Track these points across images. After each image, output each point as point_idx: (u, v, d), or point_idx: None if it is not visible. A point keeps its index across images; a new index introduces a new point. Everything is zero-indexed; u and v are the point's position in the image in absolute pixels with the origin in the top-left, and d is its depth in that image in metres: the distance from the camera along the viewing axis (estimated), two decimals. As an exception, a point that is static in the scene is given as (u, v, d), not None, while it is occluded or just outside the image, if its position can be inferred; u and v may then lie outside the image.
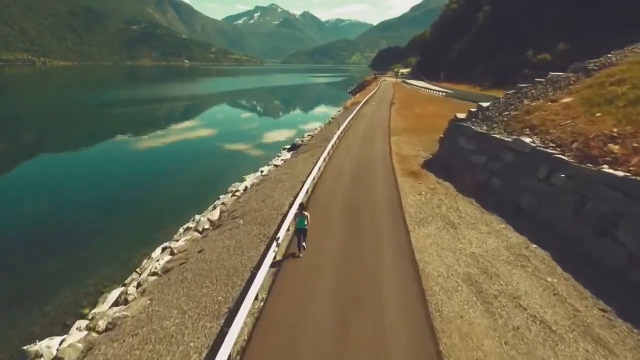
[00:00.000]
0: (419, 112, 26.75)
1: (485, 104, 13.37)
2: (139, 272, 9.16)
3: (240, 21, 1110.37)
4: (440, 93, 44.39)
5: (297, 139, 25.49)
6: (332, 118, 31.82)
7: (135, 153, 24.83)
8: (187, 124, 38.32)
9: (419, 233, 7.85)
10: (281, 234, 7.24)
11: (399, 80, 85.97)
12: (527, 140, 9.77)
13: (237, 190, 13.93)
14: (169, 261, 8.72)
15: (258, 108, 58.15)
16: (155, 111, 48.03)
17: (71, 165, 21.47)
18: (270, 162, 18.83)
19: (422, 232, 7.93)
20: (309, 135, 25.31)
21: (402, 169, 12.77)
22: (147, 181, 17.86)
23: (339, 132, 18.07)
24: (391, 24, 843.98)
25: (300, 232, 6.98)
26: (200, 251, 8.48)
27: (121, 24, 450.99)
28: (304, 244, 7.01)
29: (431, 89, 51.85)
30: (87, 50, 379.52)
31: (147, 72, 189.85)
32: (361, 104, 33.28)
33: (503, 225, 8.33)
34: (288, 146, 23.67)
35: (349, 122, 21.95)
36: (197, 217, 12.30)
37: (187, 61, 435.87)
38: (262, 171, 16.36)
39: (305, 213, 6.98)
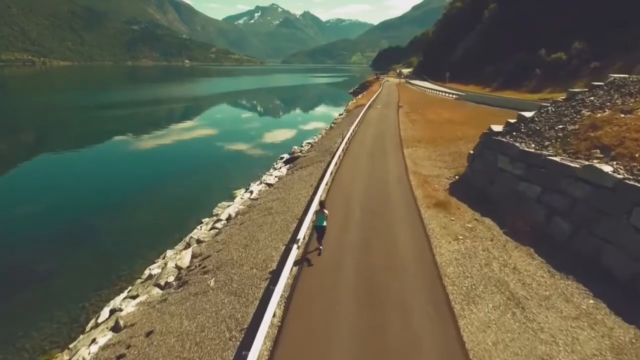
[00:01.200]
0: (432, 118, 24.03)
1: (528, 114, 10.63)
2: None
3: (240, 21, 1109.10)
4: (451, 95, 41.51)
5: (295, 147, 22.84)
6: (334, 123, 29.06)
7: (120, 161, 22.85)
8: (182, 126, 36.55)
9: (472, 321, 5.16)
10: (265, 323, 4.59)
11: (402, 80, 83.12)
12: (607, 169, 7.06)
13: (218, 220, 11.26)
14: (104, 347, 6.08)
15: (257, 110, 55.96)
16: (151, 114, 46.49)
17: (42, 172, 20.03)
18: (262, 178, 16.19)
19: (476, 318, 5.23)
20: (308, 144, 22.62)
21: (426, 196, 10.07)
22: (123, 198, 15.34)
23: (343, 145, 15.40)
24: (392, 24, 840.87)
25: (319, 229, 6.85)
26: (148, 334, 5.85)
27: (122, 24, 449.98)
28: (321, 247, 6.90)
29: (439, 91, 49.00)
30: (88, 50, 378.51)
31: (147, 73, 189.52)
32: (365, 107, 30.53)
33: (591, 302, 5.64)
34: (285, 156, 21.02)
35: (354, 130, 19.29)
36: (161, 261, 9.65)
37: (187, 61, 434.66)
38: (251, 192, 13.67)
39: (325, 211, 6.85)
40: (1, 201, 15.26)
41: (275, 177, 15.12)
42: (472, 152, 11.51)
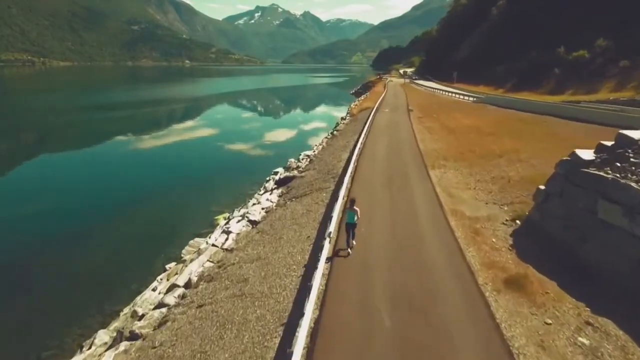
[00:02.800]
0: (452, 125, 20.41)
1: (635, 135, 7.05)
2: None
3: (241, 21, 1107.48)
4: (467, 98, 37.52)
5: (292, 161, 19.29)
6: (336, 130, 25.39)
7: (105, 166, 21.17)
8: (177, 127, 35.04)
9: None
10: None
11: (407, 80, 79.47)
12: None
13: (173, 286, 7.69)
14: None
15: (255, 112, 52.95)
16: (147, 115, 45.05)
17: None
18: (248, 206, 12.65)
19: None
20: (307, 156, 19.01)
21: (486, 264, 6.44)
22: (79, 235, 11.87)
23: (350, 166, 11.80)
24: (392, 24, 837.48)
25: (349, 227, 6.71)
26: None
27: (122, 24, 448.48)
28: (353, 241, 6.79)
29: (449, 92, 45.20)
30: (88, 50, 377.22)
31: (147, 73, 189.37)
32: (372, 111, 26.96)
33: None
34: (279, 170, 17.50)
35: (362, 143, 15.73)
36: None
37: (187, 61, 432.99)
38: (228, 232, 10.06)
39: (356, 208, 6.67)
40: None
41: (263, 208, 11.54)
42: (542, 187, 7.91)
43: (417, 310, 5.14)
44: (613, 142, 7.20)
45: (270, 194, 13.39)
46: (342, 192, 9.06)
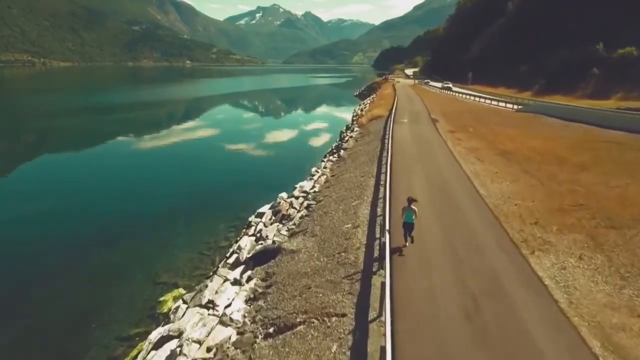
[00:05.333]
0: (507, 146, 14.53)
1: None
2: None
3: (242, 21, 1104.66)
4: (505, 104, 30.42)
5: (283, 197, 13.68)
6: (342, 148, 19.47)
7: (103, 169, 21.17)
8: (162, 137, 32.91)
9: None
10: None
11: (416, 82, 73.67)
12: None
13: None
14: None
15: (253, 116, 48.59)
16: (144, 118, 43.69)
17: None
18: (205, 291, 7.01)
19: None
20: (303, 196, 13.20)
21: None
22: None
23: (384, 253, 6.06)
24: (393, 24, 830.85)
25: (407, 226, 6.70)
26: None
27: (122, 24, 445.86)
28: (410, 240, 6.79)
29: (476, 96, 38.59)
30: (88, 51, 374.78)
31: (147, 73, 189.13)
32: (388, 123, 21.24)
33: None
34: (260, 230, 11.89)
35: (387, 187, 9.71)
36: None
37: (188, 62, 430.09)
38: None
39: (413, 207, 6.63)
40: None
41: (228, 298, 5.83)
42: None
43: None
44: None
45: (242, 279, 7.71)
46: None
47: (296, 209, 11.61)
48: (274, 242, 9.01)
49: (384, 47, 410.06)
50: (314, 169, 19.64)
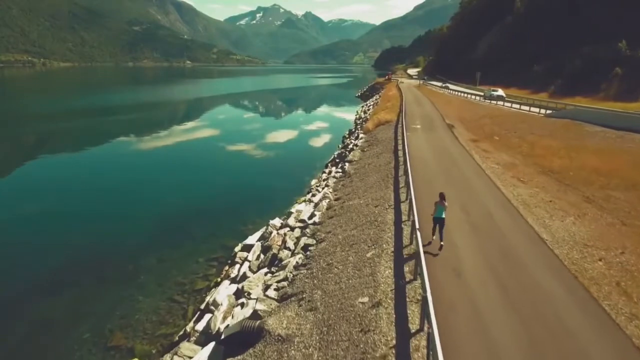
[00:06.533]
0: (554, 163, 11.69)
1: None
2: None
3: (242, 22, 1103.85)
4: (536, 110, 26.13)
5: (273, 226, 10.99)
6: (347, 160, 16.74)
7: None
8: (158, 134, 31.67)
9: None
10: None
11: (421, 82, 70.92)
12: None
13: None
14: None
15: (251, 119, 45.56)
16: (142, 120, 41.68)
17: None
18: None
19: None
20: (300, 227, 10.39)
21: None
22: None
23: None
24: (394, 24, 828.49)
25: (437, 221, 6.71)
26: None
27: (123, 24, 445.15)
28: (442, 242, 6.73)
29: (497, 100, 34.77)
30: (88, 51, 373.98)
31: (148, 73, 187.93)
32: (399, 129, 18.51)
33: None
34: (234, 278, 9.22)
35: (415, 232, 6.93)
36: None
37: (188, 62, 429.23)
38: None
39: (445, 203, 6.69)
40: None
41: None
42: None
43: None
44: None
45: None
46: None
47: (290, 249, 8.88)
48: (255, 312, 6.30)
49: (385, 47, 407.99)
50: (314, 182, 16.96)
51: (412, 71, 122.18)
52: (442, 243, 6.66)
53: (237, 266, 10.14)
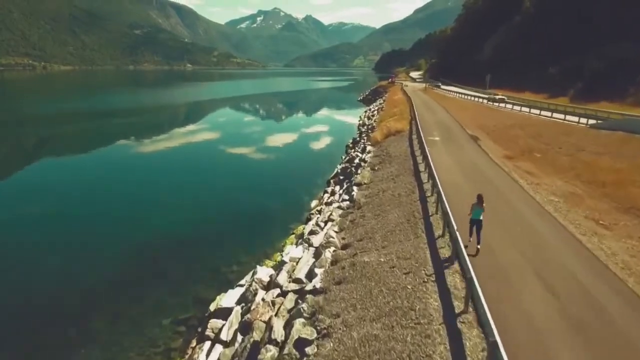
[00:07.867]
0: (637, 194, 8.80)
1: None
2: None
3: (243, 25, 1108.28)
4: (576, 119, 22.15)
5: (256, 306, 9.81)
6: (357, 183, 13.62)
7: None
8: (151, 140, 30.65)
9: None
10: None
11: (427, 85, 68.22)
12: None
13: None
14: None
15: (249, 121, 44.57)
16: (140, 124, 41.28)
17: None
18: None
19: None
20: (292, 292, 7.30)
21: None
22: None
23: None
24: (394, 27, 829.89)
25: (474, 222, 6.68)
26: None
27: (124, 28, 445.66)
28: (478, 246, 6.59)
29: (511, 104, 31.63)
30: (89, 54, 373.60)
31: (149, 77, 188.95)
32: (415, 142, 15.52)
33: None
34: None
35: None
36: None
37: (189, 65, 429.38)
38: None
39: (483, 205, 6.62)
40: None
41: None
42: None
43: None
44: None
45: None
46: None
47: (276, 343, 5.76)
48: None
49: (385, 50, 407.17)
50: (314, 203, 14.04)
51: (416, 74, 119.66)
52: (478, 247, 6.47)
53: (207, 345, 7.15)
